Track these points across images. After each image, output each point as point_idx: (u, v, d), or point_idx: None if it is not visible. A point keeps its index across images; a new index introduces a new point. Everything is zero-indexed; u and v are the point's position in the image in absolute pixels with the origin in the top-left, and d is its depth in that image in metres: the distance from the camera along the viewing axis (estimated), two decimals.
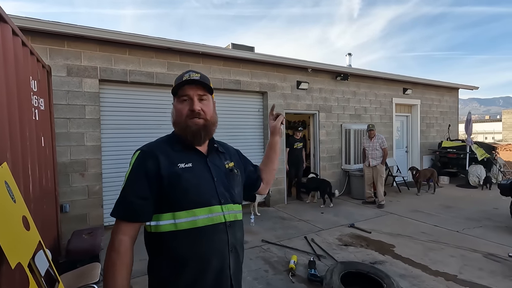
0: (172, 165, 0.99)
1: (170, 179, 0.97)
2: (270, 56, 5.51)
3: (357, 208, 5.60)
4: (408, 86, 7.95)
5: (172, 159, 1.01)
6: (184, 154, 1.04)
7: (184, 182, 0.98)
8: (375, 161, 5.68)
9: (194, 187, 1.00)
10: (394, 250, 3.58)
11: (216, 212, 1.02)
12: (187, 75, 1.05)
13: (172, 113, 1.09)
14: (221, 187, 1.07)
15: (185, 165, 1.01)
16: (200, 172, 1.04)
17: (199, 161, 1.07)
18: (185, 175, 0.99)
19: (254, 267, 3.17)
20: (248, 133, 5.67)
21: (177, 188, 0.97)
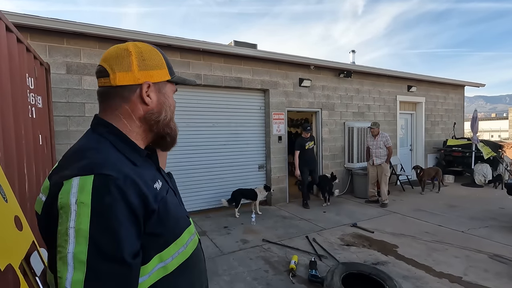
0: (152, 189, 0.67)
1: (160, 212, 0.67)
2: (271, 53, 5.44)
3: (360, 207, 5.53)
4: (412, 83, 7.83)
5: (145, 179, 0.67)
6: (146, 168, 0.72)
7: (171, 208, 0.72)
8: (379, 159, 5.60)
9: (177, 210, 0.75)
10: (397, 251, 3.51)
11: (193, 231, 0.82)
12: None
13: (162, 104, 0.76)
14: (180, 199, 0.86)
15: (159, 185, 0.72)
16: (170, 189, 0.78)
17: (156, 172, 0.79)
18: (168, 197, 0.72)
19: (254, 267, 3.13)
20: (249, 131, 5.61)
21: (167, 220, 0.69)
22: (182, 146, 4.93)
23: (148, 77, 0.73)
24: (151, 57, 0.75)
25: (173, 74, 0.80)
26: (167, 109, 0.78)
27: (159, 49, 0.80)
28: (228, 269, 3.10)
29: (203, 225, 4.50)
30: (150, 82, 0.73)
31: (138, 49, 0.74)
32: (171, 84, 0.80)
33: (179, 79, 0.83)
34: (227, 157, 5.39)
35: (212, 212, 5.14)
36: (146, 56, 0.74)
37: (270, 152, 5.64)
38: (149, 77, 0.73)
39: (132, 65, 0.71)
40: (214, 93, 5.21)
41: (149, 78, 0.73)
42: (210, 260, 3.31)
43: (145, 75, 0.73)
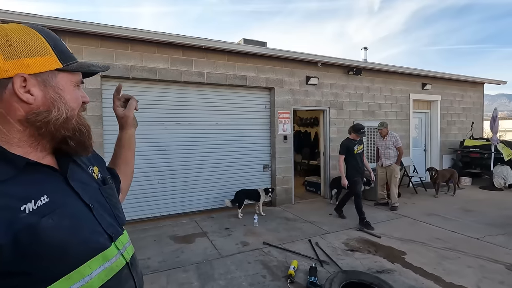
0: (7, 216, 0.52)
1: (18, 245, 0.51)
2: (277, 50, 5.30)
3: (368, 210, 5.29)
4: (427, 81, 7.48)
5: (3, 202, 0.52)
6: (24, 182, 0.57)
7: (50, 235, 0.55)
8: (388, 160, 5.36)
9: (70, 234, 0.59)
10: (404, 258, 3.31)
11: (113, 256, 0.67)
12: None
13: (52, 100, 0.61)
14: (104, 215, 0.70)
15: (36, 205, 0.55)
16: (67, 205, 0.61)
17: (55, 185, 0.63)
18: (45, 222, 0.55)
19: (252, 272, 3.02)
20: (254, 131, 5.50)
21: (38, 254, 0.53)
22: (185, 145, 4.88)
23: (21, 67, 0.57)
24: (22, 40, 0.58)
25: (68, 61, 0.63)
26: (60, 106, 0.61)
27: (42, 29, 0.63)
28: (224, 273, 3.00)
29: (205, 226, 4.43)
30: (26, 74, 0.57)
31: (4, 32, 0.57)
32: (67, 73, 0.64)
33: (78, 66, 0.65)
34: (231, 156, 5.29)
35: (215, 213, 5.06)
36: (14, 40, 0.57)
37: (275, 151, 5.50)
38: (24, 68, 0.57)
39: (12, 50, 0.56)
40: (218, 91, 5.12)
41: (24, 68, 0.57)
42: (207, 263, 3.22)
43: (16, 65, 0.56)
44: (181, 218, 4.77)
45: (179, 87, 4.79)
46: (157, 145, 4.67)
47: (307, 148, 9.17)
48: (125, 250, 0.73)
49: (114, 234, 0.69)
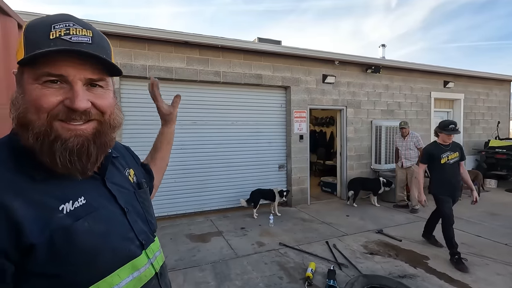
0: (45, 214, 0.50)
1: (52, 246, 0.49)
2: (293, 49, 5.22)
3: (386, 212, 5.16)
4: (449, 78, 7.19)
5: (41, 200, 0.51)
6: (62, 184, 0.55)
7: (84, 239, 0.53)
8: (409, 161, 5.18)
9: (103, 239, 0.56)
10: (427, 263, 3.18)
11: (142, 265, 0.63)
12: (61, 28, 0.53)
13: (15, 99, 0.55)
14: (137, 220, 0.66)
15: (73, 206, 0.54)
16: (103, 209, 0.59)
17: (93, 186, 0.60)
18: (80, 225, 0.53)
19: (268, 273, 2.98)
20: (270, 130, 5.44)
21: (71, 257, 0.51)
22: (201, 144, 4.89)
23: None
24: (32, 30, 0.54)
25: (31, 51, 0.51)
26: (15, 105, 0.54)
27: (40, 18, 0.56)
28: (241, 273, 2.98)
29: (220, 225, 4.43)
30: (16, 69, 0.56)
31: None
32: (30, 67, 0.52)
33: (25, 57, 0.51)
34: (246, 156, 5.27)
35: (230, 212, 5.05)
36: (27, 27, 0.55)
37: (291, 151, 5.43)
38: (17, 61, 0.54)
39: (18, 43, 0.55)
40: (234, 90, 5.10)
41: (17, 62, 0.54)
42: (224, 262, 3.21)
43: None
44: (197, 217, 4.79)
45: (195, 86, 4.81)
46: (174, 143, 4.67)
47: (322, 148, 9.03)
48: (155, 259, 0.69)
49: (145, 242, 0.66)
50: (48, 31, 0.52)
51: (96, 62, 0.55)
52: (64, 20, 0.54)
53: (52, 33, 0.52)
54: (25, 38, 0.53)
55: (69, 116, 0.54)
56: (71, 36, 0.53)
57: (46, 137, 0.52)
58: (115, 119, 0.61)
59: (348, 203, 5.57)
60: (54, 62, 0.52)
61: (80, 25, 0.55)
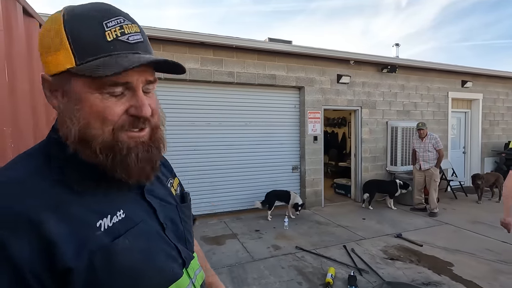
0: (83, 233, 0.44)
1: (91, 268, 0.43)
2: (308, 48, 5.14)
3: (404, 215, 5.01)
4: (467, 78, 6.97)
5: (79, 216, 0.45)
6: (100, 196, 0.50)
7: (125, 259, 0.47)
8: (427, 164, 5.02)
9: (146, 259, 0.50)
10: (452, 270, 3.05)
11: (185, 286, 0.57)
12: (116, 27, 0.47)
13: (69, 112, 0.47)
14: (175, 238, 0.59)
15: (111, 221, 0.48)
16: (142, 223, 0.52)
17: (133, 199, 0.54)
18: (121, 243, 0.47)
19: (286, 278, 2.90)
20: (283, 131, 5.37)
21: (112, 280, 0.45)
22: (214, 145, 4.86)
23: (45, 66, 0.48)
24: (45, 31, 0.47)
25: (87, 56, 0.44)
26: (69, 123, 0.46)
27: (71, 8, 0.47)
28: (258, 277, 2.91)
29: (234, 227, 4.37)
30: (46, 75, 0.48)
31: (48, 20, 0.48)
32: (89, 78, 0.45)
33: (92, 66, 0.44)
34: (259, 157, 5.21)
35: (244, 214, 5.00)
36: (43, 31, 0.47)
37: (305, 152, 5.35)
38: (45, 67, 0.48)
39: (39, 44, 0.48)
40: (247, 91, 5.05)
41: (45, 68, 0.48)
42: (240, 266, 3.15)
43: (43, 63, 0.48)
44: (210, 219, 4.75)
45: (209, 87, 4.78)
46: (187, 145, 4.68)
47: (334, 149, 8.90)
48: (196, 278, 0.62)
49: (186, 259, 0.59)
50: (102, 31, 0.45)
51: (158, 63, 0.50)
52: (112, 15, 0.47)
53: (107, 33, 0.46)
54: (71, 38, 0.45)
55: (134, 124, 0.49)
56: (127, 35, 0.47)
57: (118, 153, 0.47)
58: (160, 118, 0.56)
59: (363, 205, 5.44)
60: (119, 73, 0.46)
61: (128, 19, 0.49)
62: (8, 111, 1.44)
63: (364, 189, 5.52)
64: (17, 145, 1.51)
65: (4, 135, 1.39)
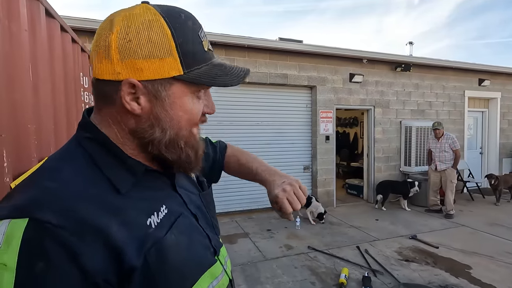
0: (138, 233, 0.45)
1: (147, 267, 0.44)
2: (320, 47, 5.10)
3: (418, 216, 4.91)
4: (485, 76, 6.77)
5: (132, 216, 0.46)
6: (144, 193, 0.50)
7: (174, 254, 0.48)
8: (443, 164, 4.89)
9: (188, 251, 0.51)
10: (470, 273, 2.97)
11: (219, 272, 0.57)
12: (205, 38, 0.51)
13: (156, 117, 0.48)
14: (206, 226, 0.60)
15: (159, 217, 0.49)
16: (181, 216, 0.53)
17: (168, 193, 0.55)
18: (169, 239, 0.48)
19: (300, 277, 2.89)
20: (295, 131, 5.35)
21: (163, 275, 0.46)
22: None
23: (133, 71, 0.45)
24: (143, 35, 0.44)
25: (193, 65, 0.47)
26: (164, 125, 0.48)
27: (174, 17, 0.47)
28: (271, 277, 2.91)
29: (246, 226, 4.38)
30: (135, 80, 0.45)
31: (127, 21, 0.45)
32: (186, 83, 0.48)
33: (202, 75, 0.48)
34: (271, 156, 5.20)
35: (255, 213, 5.00)
36: (134, 34, 0.44)
37: (317, 152, 5.31)
38: (136, 72, 0.45)
39: (111, 49, 0.44)
40: (259, 90, 5.06)
41: (136, 73, 0.45)
42: (253, 265, 3.15)
43: (130, 68, 0.44)
44: (222, 218, 4.77)
45: (220, 87, 4.79)
46: None
47: (345, 149, 8.80)
48: (226, 265, 0.63)
49: (217, 247, 0.60)
50: (199, 41, 0.49)
51: None
52: (199, 25, 0.50)
53: (204, 43, 0.50)
54: (180, 43, 0.46)
55: (204, 121, 0.55)
56: (209, 44, 0.52)
57: (194, 149, 0.54)
58: None
59: (377, 206, 5.36)
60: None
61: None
62: (32, 109, 1.48)
63: (377, 190, 5.44)
64: (39, 142, 1.56)
65: (28, 132, 1.43)
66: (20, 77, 1.42)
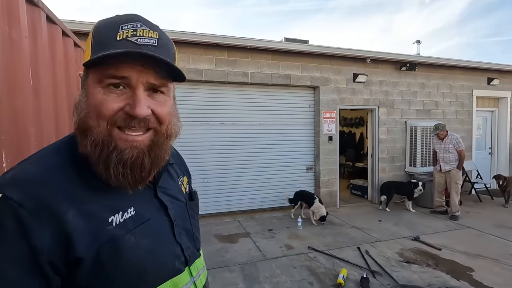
0: (96, 226, 0.48)
1: (99, 260, 0.47)
2: (322, 47, 5.09)
3: (423, 218, 4.85)
4: (494, 75, 6.62)
5: (93, 210, 0.49)
6: (113, 193, 0.53)
7: (131, 254, 0.50)
8: (448, 165, 4.82)
9: (149, 255, 0.53)
10: (472, 275, 2.92)
11: (184, 284, 0.59)
12: (128, 29, 0.51)
13: (78, 103, 0.53)
14: (184, 235, 0.62)
15: (123, 217, 0.52)
16: (151, 220, 0.56)
17: (145, 197, 0.58)
18: (128, 239, 0.51)
19: (298, 277, 2.90)
20: (298, 131, 5.35)
21: (117, 273, 0.49)
22: (229, 145, 4.92)
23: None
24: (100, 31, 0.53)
25: (99, 52, 0.49)
26: (77, 109, 0.53)
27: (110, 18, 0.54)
28: (269, 276, 2.93)
29: (248, 226, 4.42)
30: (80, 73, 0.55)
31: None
32: (96, 69, 0.50)
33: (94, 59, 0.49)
34: (273, 157, 5.22)
35: (258, 213, 5.03)
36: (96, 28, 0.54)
37: (320, 152, 5.30)
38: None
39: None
40: (262, 91, 5.08)
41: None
42: (252, 264, 3.19)
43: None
44: (225, 217, 4.82)
45: (223, 88, 4.85)
46: (203, 144, 4.77)
47: (351, 149, 8.74)
48: (199, 277, 0.64)
49: (190, 258, 0.62)
50: (115, 32, 0.50)
51: (160, 66, 0.51)
52: (132, 21, 0.52)
53: (119, 34, 0.50)
54: (93, 39, 0.52)
55: (128, 123, 0.51)
56: (138, 37, 0.50)
57: (105, 147, 0.50)
58: (172, 128, 0.57)
59: (380, 207, 5.32)
60: (119, 65, 0.49)
61: (147, 26, 0.52)
62: (32, 112, 1.55)
63: (381, 191, 5.39)
64: (40, 143, 1.62)
65: (28, 134, 1.50)
66: (21, 82, 1.49)
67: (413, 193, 5.10)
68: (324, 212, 4.43)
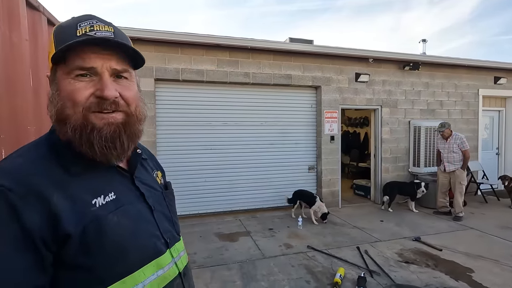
0: (80, 207, 0.54)
1: (85, 238, 0.52)
2: (324, 47, 5.10)
3: (425, 218, 4.80)
4: (501, 74, 6.51)
5: (76, 193, 0.55)
6: (94, 179, 0.59)
7: (113, 233, 0.56)
8: (452, 165, 4.77)
9: (131, 234, 0.58)
10: (471, 276, 2.90)
11: (166, 264, 0.64)
12: (86, 26, 0.57)
13: (51, 97, 0.59)
14: (163, 220, 0.68)
15: (105, 200, 0.57)
16: (130, 205, 0.61)
17: (123, 184, 0.63)
18: (111, 219, 0.56)
19: (295, 276, 2.93)
20: (300, 131, 5.37)
21: (102, 249, 0.54)
22: (230, 145, 4.97)
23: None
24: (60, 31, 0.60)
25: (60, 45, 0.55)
26: (52, 103, 0.59)
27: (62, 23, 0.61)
28: (267, 274, 2.96)
29: (248, 225, 4.45)
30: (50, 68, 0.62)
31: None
32: (63, 63, 0.57)
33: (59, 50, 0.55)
34: (275, 156, 5.25)
35: (259, 213, 5.06)
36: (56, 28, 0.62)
37: (321, 152, 5.30)
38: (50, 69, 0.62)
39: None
40: (263, 91, 5.11)
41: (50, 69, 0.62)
42: (250, 262, 3.22)
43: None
44: (226, 216, 4.87)
45: (225, 88, 4.90)
46: (205, 144, 4.83)
47: (355, 149, 8.69)
48: (180, 259, 0.70)
49: (170, 240, 0.67)
50: (75, 29, 0.57)
51: (120, 52, 0.59)
52: (88, 19, 0.59)
53: (78, 30, 0.57)
54: (55, 38, 0.58)
55: (101, 106, 0.57)
56: (96, 31, 0.57)
57: (83, 130, 0.56)
58: (140, 111, 0.64)
59: (383, 207, 5.29)
60: (83, 56, 0.55)
61: (102, 22, 0.60)
62: (32, 112, 1.62)
63: (384, 191, 5.36)
64: None
65: (29, 133, 1.57)
66: (21, 83, 1.56)
67: (416, 193, 5.05)
68: (326, 210, 4.44)
